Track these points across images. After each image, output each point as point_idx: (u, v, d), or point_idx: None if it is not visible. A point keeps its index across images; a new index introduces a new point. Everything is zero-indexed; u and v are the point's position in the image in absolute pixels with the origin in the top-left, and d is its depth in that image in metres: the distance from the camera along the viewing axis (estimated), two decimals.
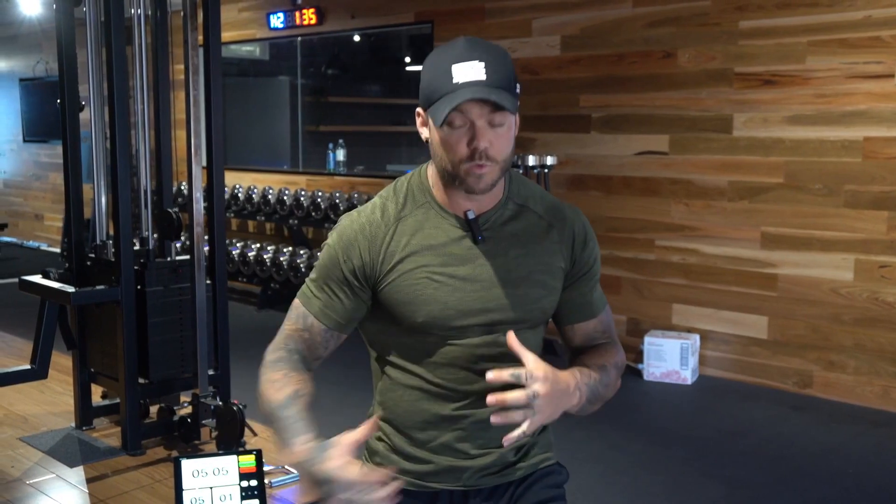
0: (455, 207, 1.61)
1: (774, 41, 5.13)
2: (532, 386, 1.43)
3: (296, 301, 1.68)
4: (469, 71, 1.48)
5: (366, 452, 1.74)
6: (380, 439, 1.71)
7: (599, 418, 4.70)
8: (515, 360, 1.51)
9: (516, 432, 1.43)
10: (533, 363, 1.46)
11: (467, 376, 1.60)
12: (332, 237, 1.65)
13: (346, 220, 1.66)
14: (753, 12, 5.19)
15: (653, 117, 5.68)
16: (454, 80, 1.48)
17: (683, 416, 4.92)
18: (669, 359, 5.40)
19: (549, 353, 1.81)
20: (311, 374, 1.66)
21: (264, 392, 1.62)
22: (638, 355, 5.63)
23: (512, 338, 1.50)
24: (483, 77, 1.48)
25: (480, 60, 1.49)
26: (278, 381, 1.61)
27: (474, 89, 1.47)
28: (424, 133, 1.60)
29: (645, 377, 5.46)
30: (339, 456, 1.40)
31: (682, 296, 5.65)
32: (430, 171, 1.64)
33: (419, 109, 1.58)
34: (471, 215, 1.60)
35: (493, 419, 1.43)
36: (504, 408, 1.44)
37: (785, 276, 5.20)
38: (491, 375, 1.46)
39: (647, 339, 5.48)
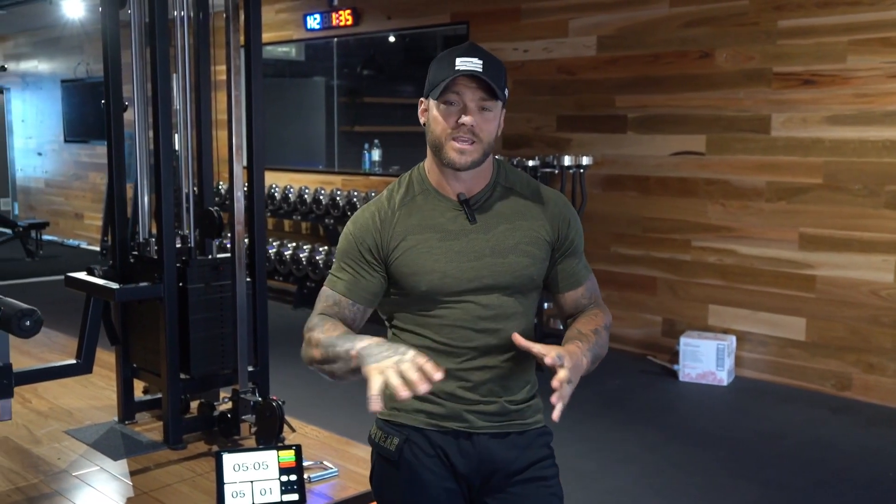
0: (448, 191, 1.87)
1: (814, 40, 5.08)
2: (567, 366, 1.66)
3: (322, 289, 1.92)
4: (469, 63, 1.76)
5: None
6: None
7: (635, 419, 4.70)
8: (507, 318, 1.84)
9: (560, 405, 1.63)
10: (555, 349, 1.69)
11: (467, 334, 1.84)
12: (348, 226, 1.92)
13: (359, 211, 1.93)
14: (792, 11, 5.15)
15: (689, 117, 5.65)
16: (455, 68, 1.75)
17: (719, 418, 4.89)
18: (705, 360, 5.37)
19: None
20: None
21: (316, 338, 1.79)
22: (673, 356, 5.60)
23: (517, 338, 1.74)
24: (480, 69, 1.75)
25: (480, 59, 1.77)
26: (330, 328, 1.81)
27: (471, 71, 1.75)
28: (423, 118, 1.87)
29: (680, 378, 5.44)
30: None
31: (719, 297, 5.61)
32: (427, 164, 1.92)
33: (422, 99, 1.86)
34: (462, 197, 1.86)
35: (553, 400, 1.63)
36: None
37: (823, 277, 5.15)
38: (519, 340, 1.73)
39: (682, 339, 5.45)
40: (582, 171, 5.91)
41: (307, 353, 1.82)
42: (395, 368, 1.58)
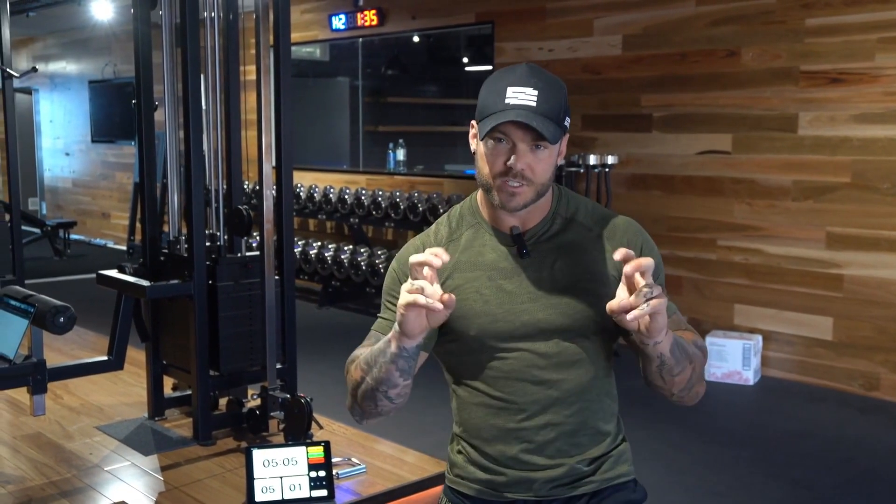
0: (502, 225, 1.68)
1: (842, 38, 5.04)
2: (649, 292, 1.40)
3: (370, 332, 1.74)
4: (521, 95, 1.56)
5: (448, 465, 1.82)
6: (459, 452, 1.78)
7: (660, 417, 4.69)
8: (570, 366, 1.63)
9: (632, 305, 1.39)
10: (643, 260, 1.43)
11: (525, 387, 1.65)
12: (393, 263, 1.75)
13: (404, 248, 1.77)
14: (820, 9, 5.11)
15: (715, 116, 5.63)
16: (506, 101, 1.56)
17: (746, 417, 4.87)
18: (731, 359, 5.34)
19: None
20: None
21: (356, 364, 1.64)
22: None
23: (610, 305, 1.44)
24: (533, 104, 1.55)
25: (535, 88, 1.57)
26: (366, 351, 1.65)
27: (521, 112, 1.54)
28: (473, 145, 1.67)
29: (706, 377, 5.41)
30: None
31: (745, 296, 5.58)
32: (480, 195, 1.72)
33: (473, 122, 1.66)
34: (515, 231, 1.66)
35: (627, 317, 1.40)
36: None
37: (851, 276, 5.12)
38: (611, 305, 1.42)
39: (708, 339, 5.43)
40: (607, 170, 5.90)
41: (349, 383, 1.66)
42: (409, 288, 1.43)
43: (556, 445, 1.66)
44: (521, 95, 1.56)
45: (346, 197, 7.60)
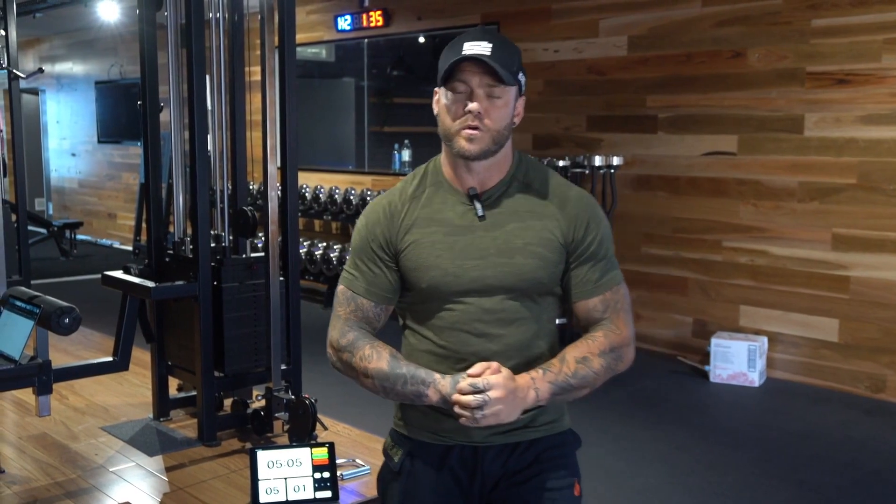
0: (461, 184, 1.79)
1: (848, 39, 5.03)
2: (487, 392, 1.63)
3: (340, 287, 1.87)
4: (476, 47, 1.68)
5: (394, 408, 1.93)
6: None
7: (665, 419, 4.68)
8: (510, 323, 1.74)
9: (469, 423, 1.65)
10: (491, 372, 1.66)
11: (467, 338, 1.75)
12: (360, 221, 1.87)
13: (370, 205, 1.87)
14: (827, 10, 5.10)
15: (721, 117, 5.62)
16: (462, 52, 1.68)
17: (751, 419, 4.86)
18: (736, 361, 5.33)
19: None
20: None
21: (362, 367, 1.78)
22: (704, 357, 5.57)
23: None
24: (488, 52, 1.67)
25: (489, 42, 1.68)
26: (371, 354, 1.78)
27: (475, 53, 1.66)
28: (436, 109, 1.78)
29: (711, 379, 5.41)
30: (480, 368, 1.67)
31: (750, 297, 5.57)
32: (443, 156, 1.83)
33: (436, 88, 1.77)
34: (472, 191, 1.77)
35: (457, 410, 1.64)
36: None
37: (857, 278, 5.10)
38: (459, 387, 1.67)
39: (713, 340, 5.42)
40: (612, 171, 5.90)
41: (349, 372, 1.82)
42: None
43: None
44: (477, 47, 1.67)
45: (352, 197, 7.60)
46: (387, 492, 1.93)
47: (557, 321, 1.89)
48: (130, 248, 10.66)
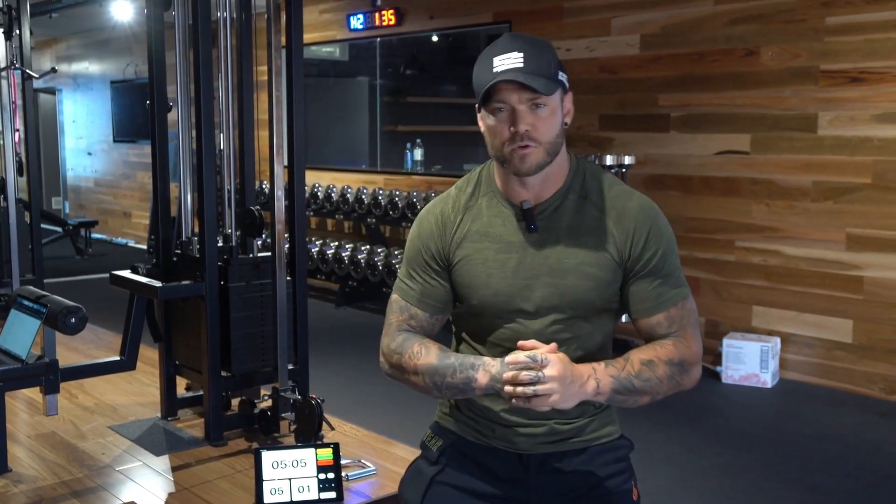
0: (514, 196, 1.71)
1: (863, 37, 4.99)
2: (542, 369, 1.55)
3: (393, 296, 1.83)
4: (507, 60, 1.59)
5: (439, 405, 1.91)
6: (449, 400, 1.87)
7: (677, 420, 4.65)
8: (561, 345, 1.65)
9: (521, 404, 1.57)
10: (550, 348, 1.59)
11: None
12: (413, 229, 1.82)
13: (423, 213, 1.82)
14: (841, 8, 5.06)
15: (734, 116, 5.58)
16: (493, 70, 1.59)
17: (764, 420, 4.82)
18: (749, 361, 5.30)
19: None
20: None
21: (412, 365, 1.73)
22: (716, 357, 5.54)
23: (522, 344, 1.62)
24: (521, 65, 1.58)
25: (519, 51, 1.59)
26: (419, 350, 1.74)
27: (507, 72, 1.58)
28: (482, 127, 1.70)
29: (723, 380, 5.37)
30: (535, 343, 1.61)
31: (763, 298, 5.53)
32: (496, 164, 1.75)
33: (476, 105, 1.69)
34: (526, 205, 1.69)
35: (507, 389, 1.57)
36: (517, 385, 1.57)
37: (871, 278, 5.06)
38: (510, 358, 1.59)
39: (725, 341, 5.39)
40: (624, 170, 5.87)
41: (400, 374, 1.76)
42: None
43: (537, 410, 1.65)
44: (508, 61, 1.59)
45: (364, 197, 7.60)
46: (415, 482, 1.87)
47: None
48: (145, 247, 10.70)
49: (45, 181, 13.12)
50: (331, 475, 2.33)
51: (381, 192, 7.51)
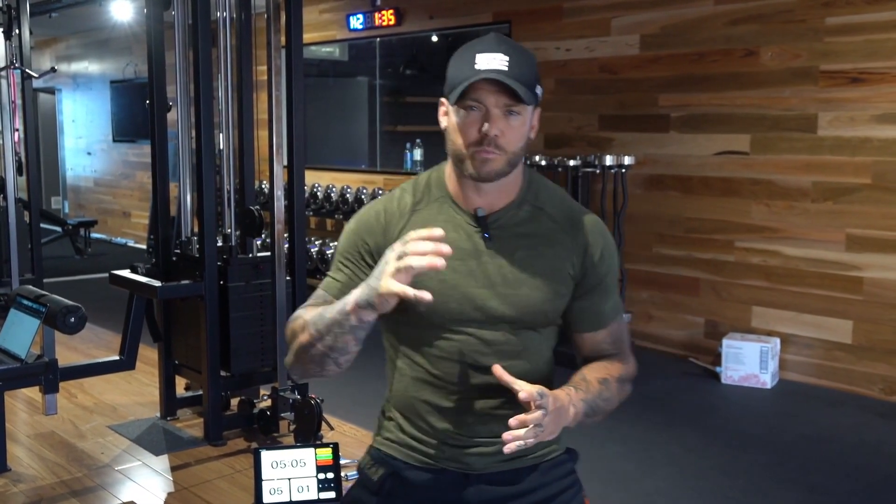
0: (468, 203, 1.65)
1: (863, 37, 4.99)
2: (545, 406, 1.47)
3: (317, 289, 1.72)
4: (492, 60, 1.53)
5: (377, 427, 1.82)
6: (390, 419, 1.77)
7: (676, 421, 4.65)
8: (511, 356, 1.61)
9: (517, 443, 1.46)
10: (535, 387, 1.49)
11: (464, 370, 1.63)
12: (350, 223, 1.72)
13: (364, 208, 1.73)
14: (841, 8, 5.05)
15: (733, 117, 5.58)
16: (476, 67, 1.54)
17: (763, 421, 4.82)
18: (748, 362, 5.29)
19: (565, 365, 1.80)
20: None
21: (300, 324, 1.61)
22: (716, 358, 5.54)
23: (497, 370, 1.52)
24: (505, 68, 1.53)
25: (505, 54, 1.54)
26: (303, 311, 1.64)
27: (492, 74, 1.52)
28: (443, 122, 1.63)
29: (723, 380, 5.37)
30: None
31: (763, 298, 5.53)
32: (448, 168, 1.68)
33: (442, 99, 1.63)
34: (480, 213, 1.63)
35: (506, 437, 1.46)
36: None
37: (871, 279, 5.06)
38: (499, 372, 1.51)
39: (725, 341, 5.39)
40: (624, 170, 5.87)
41: (294, 344, 1.61)
42: (402, 256, 1.41)
43: (489, 427, 1.64)
44: (493, 61, 1.53)
45: (363, 197, 7.60)
46: None
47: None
48: (144, 247, 10.70)
49: (45, 181, 13.11)
50: (330, 475, 2.33)
51: (380, 192, 7.51)
